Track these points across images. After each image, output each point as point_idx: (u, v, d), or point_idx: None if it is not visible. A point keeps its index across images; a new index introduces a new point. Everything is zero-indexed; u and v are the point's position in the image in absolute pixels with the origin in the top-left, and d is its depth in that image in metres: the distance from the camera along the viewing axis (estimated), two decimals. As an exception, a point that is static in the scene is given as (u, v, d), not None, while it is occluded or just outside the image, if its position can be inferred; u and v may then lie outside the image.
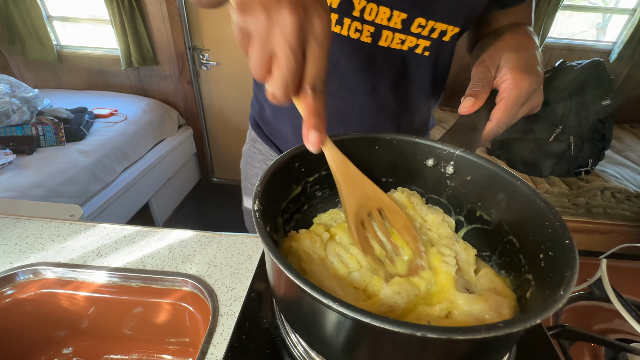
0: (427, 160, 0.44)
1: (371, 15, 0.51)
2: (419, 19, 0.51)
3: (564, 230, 0.30)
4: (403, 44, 0.54)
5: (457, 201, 0.44)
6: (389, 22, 0.52)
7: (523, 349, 0.40)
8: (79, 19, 2.25)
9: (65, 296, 0.53)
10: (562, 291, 0.24)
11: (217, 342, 0.43)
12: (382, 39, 0.53)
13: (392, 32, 0.53)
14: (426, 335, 0.21)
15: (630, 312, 0.47)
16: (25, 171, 1.48)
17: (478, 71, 0.44)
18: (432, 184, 0.46)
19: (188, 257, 0.55)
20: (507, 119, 0.42)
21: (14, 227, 0.60)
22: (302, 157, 0.41)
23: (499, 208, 0.39)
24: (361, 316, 0.22)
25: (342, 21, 0.52)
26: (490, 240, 0.41)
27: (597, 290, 0.57)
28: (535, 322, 0.22)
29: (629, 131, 2.10)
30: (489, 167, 0.39)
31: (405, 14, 0.51)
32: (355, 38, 0.53)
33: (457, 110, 0.44)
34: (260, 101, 0.70)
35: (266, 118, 0.70)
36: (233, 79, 2.28)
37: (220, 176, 2.77)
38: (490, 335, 0.21)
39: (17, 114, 1.62)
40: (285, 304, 0.34)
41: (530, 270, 0.34)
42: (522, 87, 0.41)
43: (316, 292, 0.24)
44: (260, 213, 0.32)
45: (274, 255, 0.27)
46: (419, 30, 0.52)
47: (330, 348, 0.31)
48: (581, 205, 1.60)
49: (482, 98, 0.43)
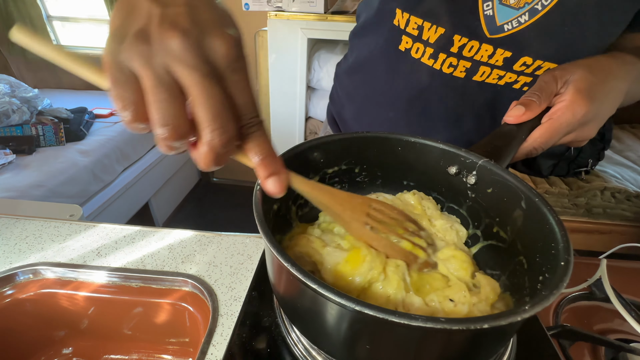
0: (450, 168, 0.42)
1: (470, 52, 0.48)
2: (524, 58, 0.46)
3: (566, 252, 0.28)
4: (500, 80, 0.50)
5: (476, 214, 0.42)
6: (490, 59, 0.48)
7: (523, 349, 0.39)
8: (79, 19, 2.25)
9: (65, 296, 0.52)
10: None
11: (217, 342, 0.43)
12: (477, 74, 0.50)
13: (490, 67, 0.49)
14: (429, 326, 0.21)
15: (630, 312, 0.47)
16: (25, 171, 1.48)
17: (543, 79, 0.40)
18: (452, 193, 0.44)
19: (188, 257, 0.55)
20: (545, 142, 0.39)
21: (14, 227, 0.60)
22: (321, 148, 0.41)
23: (515, 225, 0.37)
24: (365, 308, 0.22)
25: (437, 56, 0.50)
26: (502, 259, 0.39)
27: (597, 290, 0.57)
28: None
29: (629, 131, 2.10)
30: (510, 181, 0.36)
31: (509, 52, 0.46)
32: (448, 73, 0.51)
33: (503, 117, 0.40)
34: (341, 99, 0.68)
35: (345, 118, 0.68)
36: (233, 79, 2.28)
37: (220, 176, 2.77)
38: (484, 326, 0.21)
39: (17, 114, 1.62)
40: (280, 292, 0.34)
41: (529, 293, 0.32)
42: (576, 114, 0.36)
43: (316, 283, 0.24)
44: (262, 193, 0.31)
45: (267, 237, 0.27)
46: (522, 68, 0.47)
47: (331, 341, 0.31)
48: (581, 205, 1.60)
49: (534, 110, 0.38)
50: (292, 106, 1.75)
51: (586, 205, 1.60)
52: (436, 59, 0.50)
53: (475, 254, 0.42)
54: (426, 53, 0.51)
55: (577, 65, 0.40)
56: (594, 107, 0.37)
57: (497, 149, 0.39)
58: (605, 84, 0.38)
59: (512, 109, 0.40)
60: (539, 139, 0.39)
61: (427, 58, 0.51)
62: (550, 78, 0.39)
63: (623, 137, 2.03)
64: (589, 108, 0.37)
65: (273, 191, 0.27)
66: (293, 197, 0.43)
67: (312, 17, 1.50)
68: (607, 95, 0.38)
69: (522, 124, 0.39)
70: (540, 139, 0.39)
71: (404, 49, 0.53)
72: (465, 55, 0.49)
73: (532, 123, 0.39)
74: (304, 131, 1.84)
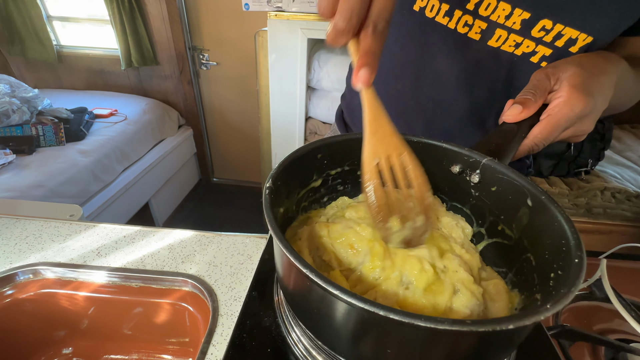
0: (454, 167, 0.42)
1: (487, 10, 0.46)
2: (544, 21, 0.44)
3: (578, 249, 0.28)
4: (517, 48, 0.47)
5: (480, 212, 0.42)
6: (507, 20, 0.45)
7: (523, 349, 0.39)
8: (79, 19, 2.25)
9: (65, 296, 0.53)
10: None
11: (217, 342, 0.43)
12: (493, 38, 0.48)
13: (507, 31, 0.46)
14: (437, 327, 0.21)
15: (630, 312, 0.47)
16: (25, 171, 1.48)
17: (536, 78, 0.40)
18: (456, 192, 0.43)
19: (188, 257, 0.55)
20: (545, 138, 0.39)
21: (14, 227, 0.60)
22: (325, 150, 0.41)
23: (521, 223, 0.37)
24: (372, 307, 0.22)
25: (452, 13, 0.48)
26: (508, 256, 0.39)
27: (597, 290, 0.57)
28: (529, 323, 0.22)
29: (629, 131, 2.10)
30: (514, 179, 0.37)
31: (528, 14, 0.44)
32: (463, 33, 0.49)
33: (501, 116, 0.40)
34: (351, 92, 0.69)
35: (353, 107, 0.68)
36: (233, 79, 2.29)
37: (220, 176, 2.77)
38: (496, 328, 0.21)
39: (17, 114, 1.62)
40: (286, 286, 0.34)
41: (540, 290, 0.32)
42: (575, 109, 0.37)
43: (321, 279, 0.24)
44: (271, 191, 0.32)
45: (275, 233, 0.27)
46: (541, 34, 0.45)
47: (339, 339, 0.31)
48: (581, 206, 1.60)
49: (532, 108, 0.39)
50: (292, 106, 1.75)
51: (586, 206, 1.60)
52: (451, 16, 0.48)
53: (480, 251, 0.42)
54: (441, 10, 0.49)
55: (568, 62, 0.40)
56: (591, 101, 0.37)
57: (498, 147, 0.40)
58: (598, 78, 0.39)
59: (509, 109, 0.40)
60: (539, 135, 0.39)
61: (442, 16, 0.49)
62: (542, 76, 0.40)
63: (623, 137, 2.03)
64: (587, 102, 0.37)
65: (363, 77, 0.30)
66: (297, 200, 0.43)
67: (312, 17, 1.50)
68: (601, 89, 0.39)
69: (520, 122, 0.40)
70: (541, 135, 0.39)
71: (419, 8, 0.51)
72: (481, 14, 0.47)
73: (530, 120, 0.40)
74: (304, 131, 1.84)
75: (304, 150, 0.39)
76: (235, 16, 2.05)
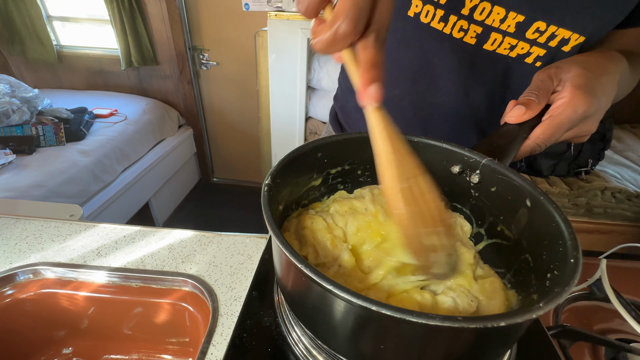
0: (454, 167, 0.42)
1: (482, 14, 0.46)
2: (538, 23, 0.44)
3: (574, 250, 0.28)
4: (512, 50, 0.48)
5: (480, 212, 0.42)
6: (502, 24, 0.46)
7: (523, 349, 0.39)
8: (79, 19, 2.25)
9: (65, 296, 0.53)
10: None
11: (217, 342, 0.43)
12: (488, 41, 0.48)
13: (502, 35, 0.47)
14: (438, 324, 0.21)
15: (630, 312, 0.47)
16: (25, 171, 1.48)
17: (539, 78, 0.40)
18: (456, 192, 0.43)
19: (188, 257, 0.55)
20: (547, 139, 0.39)
21: (14, 227, 0.60)
22: (324, 149, 0.41)
23: (520, 223, 0.37)
24: (373, 306, 0.22)
25: (447, 18, 0.48)
26: (507, 257, 0.39)
27: (597, 290, 0.57)
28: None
29: (629, 131, 2.10)
30: (514, 179, 0.37)
31: (522, 17, 0.44)
32: (458, 38, 0.49)
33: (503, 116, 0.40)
34: (345, 94, 0.68)
35: (348, 110, 0.68)
36: (233, 79, 2.29)
37: (220, 176, 2.77)
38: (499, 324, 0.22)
39: (17, 114, 1.62)
40: (284, 285, 0.34)
41: (537, 290, 0.32)
42: (577, 110, 0.37)
43: (321, 278, 0.24)
44: (270, 188, 0.32)
45: (272, 229, 0.27)
46: (535, 36, 0.46)
47: (337, 336, 0.31)
48: (581, 205, 1.60)
49: (535, 109, 0.39)
50: (292, 106, 1.75)
51: (586, 205, 1.60)
52: (446, 22, 0.48)
53: (479, 252, 0.42)
54: (436, 16, 0.49)
55: (571, 62, 0.40)
56: (594, 101, 0.37)
57: (499, 147, 0.40)
58: (601, 78, 0.39)
59: (512, 110, 0.40)
60: (542, 136, 0.39)
61: (437, 21, 0.50)
62: (545, 77, 0.40)
63: (623, 137, 2.03)
64: (590, 103, 0.37)
65: (373, 94, 0.27)
66: (297, 198, 0.43)
67: (312, 17, 1.50)
68: (604, 90, 0.38)
69: (522, 123, 0.40)
70: (543, 136, 0.39)
71: (413, 13, 0.51)
72: (476, 18, 0.47)
73: (532, 121, 0.40)
74: (304, 131, 1.84)
75: (304, 149, 0.39)
76: (235, 16, 2.05)
